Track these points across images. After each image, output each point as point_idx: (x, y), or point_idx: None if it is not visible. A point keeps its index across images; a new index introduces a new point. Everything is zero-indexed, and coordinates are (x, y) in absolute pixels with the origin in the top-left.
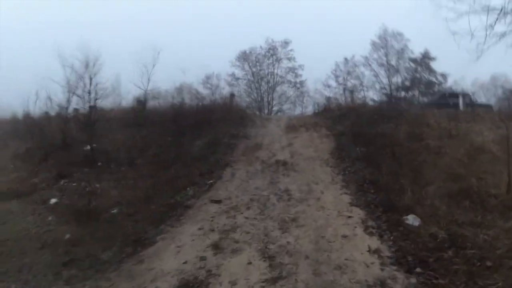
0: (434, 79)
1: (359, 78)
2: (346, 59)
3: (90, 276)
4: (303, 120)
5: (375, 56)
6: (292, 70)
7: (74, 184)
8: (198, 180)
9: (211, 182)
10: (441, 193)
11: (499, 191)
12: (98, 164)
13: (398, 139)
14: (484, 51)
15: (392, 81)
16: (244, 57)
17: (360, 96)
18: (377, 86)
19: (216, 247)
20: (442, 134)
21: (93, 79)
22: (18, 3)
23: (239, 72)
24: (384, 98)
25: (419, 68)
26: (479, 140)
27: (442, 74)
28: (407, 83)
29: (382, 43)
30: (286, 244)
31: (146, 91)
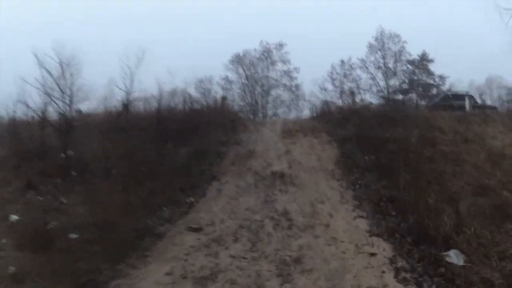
0: (432, 81)
1: (355, 81)
2: (342, 61)
3: None
4: (300, 124)
5: (372, 58)
6: (287, 73)
7: (41, 198)
8: (178, 197)
9: (192, 200)
10: (474, 212)
11: None
12: (73, 175)
13: (410, 145)
14: None
15: (390, 83)
16: (238, 60)
17: (357, 99)
18: (374, 89)
19: None
20: (457, 138)
21: (69, 81)
22: None
23: (232, 76)
24: (381, 101)
25: (416, 71)
26: (497, 144)
27: (441, 76)
28: (404, 86)
29: (379, 45)
30: None
31: (130, 94)
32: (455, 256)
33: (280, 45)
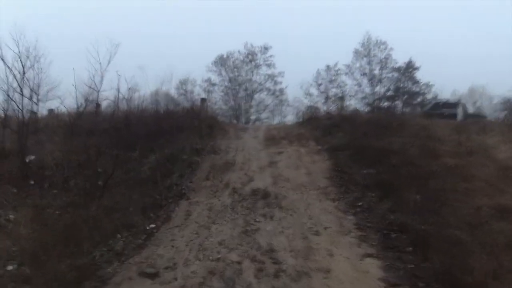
0: (417, 89)
1: (340, 87)
2: (328, 66)
3: None
4: (285, 130)
5: (358, 65)
6: (271, 77)
7: None
8: (137, 220)
9: (152, 226)
10: (503, 243)
11: None
12: (30, 183)
13: (410, 157)
14: None
15: (375, 90)
16: (221, 61)
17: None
18: (359, 96)
19: None
20: (460, 150)
21: (33, 77)
22: None
23: (215, 78)
24: (367, 108)
25: (402, 78)
26: (502, 157)
27: (426, 84)
28: (390, 93)
29: (365, 51)
30: None
31: (99, 93)
32: None
33: (265, 48)
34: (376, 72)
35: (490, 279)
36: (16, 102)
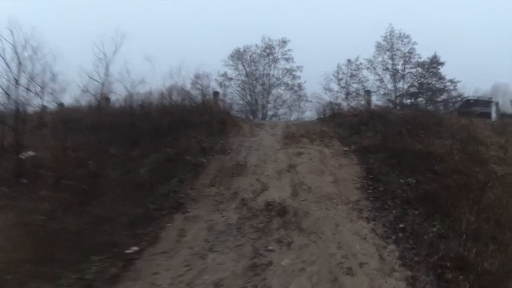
0: (442, 85)
1: (362, 82)
2: (349, 60)
3: None
4: (305, 127)
5: (380, 59)
6: (289, 71)
7: None
8: (123, 236)
9: (135, 249)
10: None
11: None
12: (22, 183)
13: (455, 163)
14: None
15: (398, 86)
16: (238, 55)
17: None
18: (381, 92)
19: None
20: (505, 155)
21: (24, 69)
22: None
23: (232, 72)
24: (390, 105)
25: (426, 74)
26: None
27: (451, 81)
28: (413, 89)
29: (388, 45)
30: None
31: (103, 86)
32: None
33: (284, 41)
34: (399, 67)
35: None
36: (12, 96)
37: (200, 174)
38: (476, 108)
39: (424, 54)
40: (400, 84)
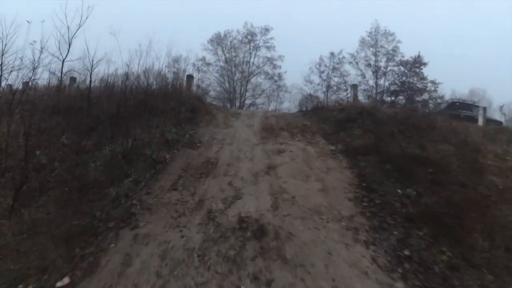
0: (423, 85)
1: (343, 76)
2: (332, 53)
3: None
4: (285, 119)
5: (363, 54)
6: (270, 60)
7: None
8: (55, 259)
9: (65, 284)
10: None
11: None
12: None
13: (454, 172)
14: None
15: (379, 83)
16: (218, 40)
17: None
18: (362, 87)
19: None
20: (501, 165)
21: None
22: None
23: (211, 57)
24: (370, 100)
25: (408, 73)
26: None
27: (433, 82)
28: (395, 87)
29: (372, 41)
30: None
31: (63, 63)
32: None
33: (266, 29)
34: (382, 63)
35: None
36: None
37: (160, 173)
38: (461, 111)
39: (407, 54)
40: (381, 81)
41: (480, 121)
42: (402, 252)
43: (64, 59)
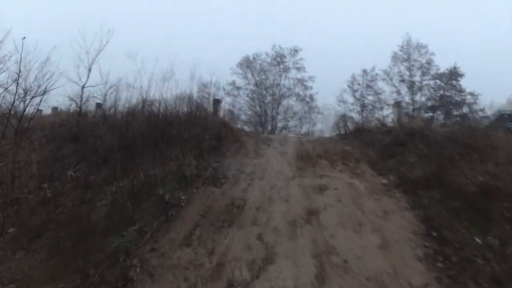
0: (460, 98)
1: (377, 94)
2: (364, 71)
3: None
4: (322, 144)
5: (396, 70)
6: (301, 81)
7: None
8: None
9: None
10: None
11: None
12: None
13: None
14: None
15: (415, 99)
16: (247, 64)
17: (377, 115)
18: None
19: None
20: None
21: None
22: None
23: (240, 81)
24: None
25: (445, 86)
26: None
27: (471, 93)
28: (432, 102)
29: (405, 55)
30: None
31: (83, 89)
32: None
33: (295, 50)
34: (417, 78)
35: None
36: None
37: (172, 220)
38: (511, 124)
39: (442, 66)
40: (417, 97)
41: None
42: None
43: (84, 85)
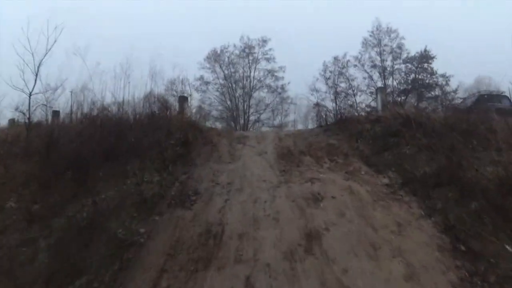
0: (433, 81)
1: (349, 81)
2: (336, 58)
3: None
4: (304, 138)
5: (367, 56)
6: (271, 72)
7: None
8: None
9: None
10: None
11: None
12: None
13: None
14: None
15: (387, 84)
16: (215, 57)
17: (351, 102)
18: (370, 90)
19: None
20: None
21: None
22: None
23: (209, 76)
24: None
25: (417, 69)
26: None
27: (443, 75)
28: (404, 86)
29: (375, 40)
30: None
31: (30, 96)
32: None
33: (264, 40)
34: (388, 63)
35: None
36: None
37: (130, 268)
38: (491, 104)
39: (413, 50)
40: (389, 81)
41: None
42: None
43: (31, 92)
